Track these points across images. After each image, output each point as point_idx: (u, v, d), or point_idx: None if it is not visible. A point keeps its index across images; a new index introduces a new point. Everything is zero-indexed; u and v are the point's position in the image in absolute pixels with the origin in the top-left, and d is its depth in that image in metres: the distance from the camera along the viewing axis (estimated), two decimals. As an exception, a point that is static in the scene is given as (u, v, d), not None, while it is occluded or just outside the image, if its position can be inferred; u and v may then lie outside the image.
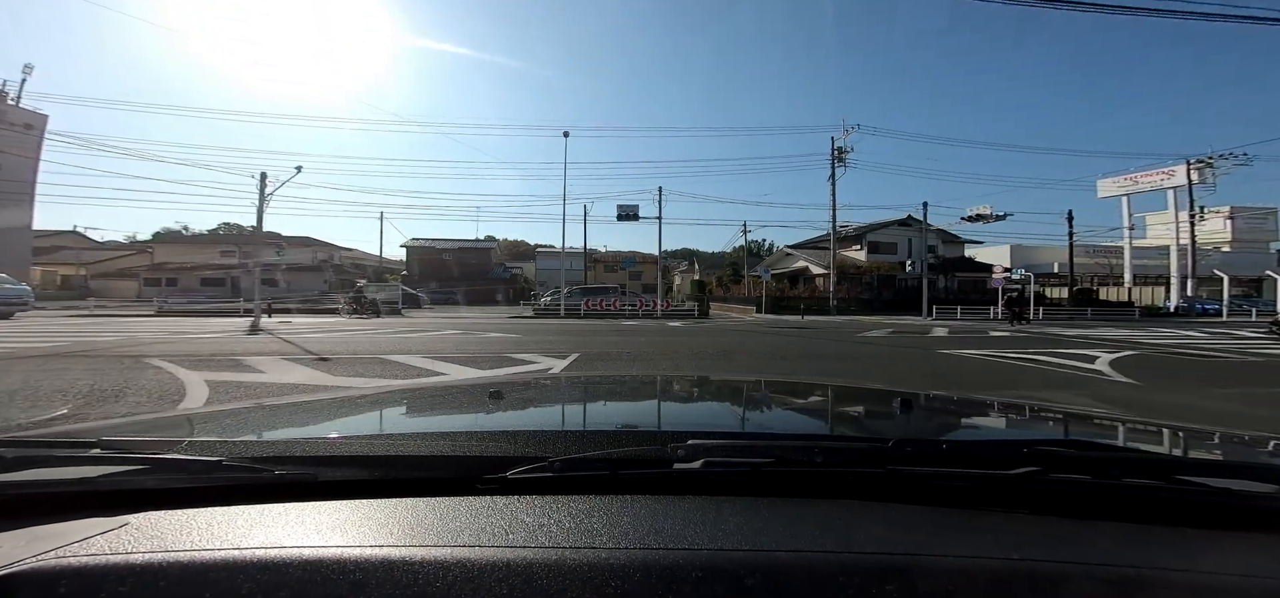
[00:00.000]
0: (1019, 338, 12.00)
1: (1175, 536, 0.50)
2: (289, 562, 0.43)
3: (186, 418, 1.13)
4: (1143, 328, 16.97)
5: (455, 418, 1.15)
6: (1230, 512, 0.53)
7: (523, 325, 15.47)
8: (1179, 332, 14.53)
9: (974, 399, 1.62)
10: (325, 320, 17.43)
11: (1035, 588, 0.41)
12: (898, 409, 1.10)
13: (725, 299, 33.99)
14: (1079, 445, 0.76)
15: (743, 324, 19.10)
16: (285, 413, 1.07)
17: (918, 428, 1.03)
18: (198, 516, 0.51)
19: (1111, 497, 0.55)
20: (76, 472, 0.58)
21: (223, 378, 5.51)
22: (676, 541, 0.46)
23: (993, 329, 15.90)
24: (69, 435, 0.79)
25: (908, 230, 33.10)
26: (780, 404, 1.33)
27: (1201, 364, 7.76)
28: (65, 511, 0.52)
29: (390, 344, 9.25)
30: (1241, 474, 0.62)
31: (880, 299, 29.93)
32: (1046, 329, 16.20)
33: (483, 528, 0.49)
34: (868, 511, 0.54)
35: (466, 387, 2.28)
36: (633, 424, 1.05)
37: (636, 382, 2.14)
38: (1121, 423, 1.08)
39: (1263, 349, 9.77)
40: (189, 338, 10.05)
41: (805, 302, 28.60)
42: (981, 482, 0.57)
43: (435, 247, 43.65)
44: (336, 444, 0.72)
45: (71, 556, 0.44)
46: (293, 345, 8.99)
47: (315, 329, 13.13)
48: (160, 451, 0.63)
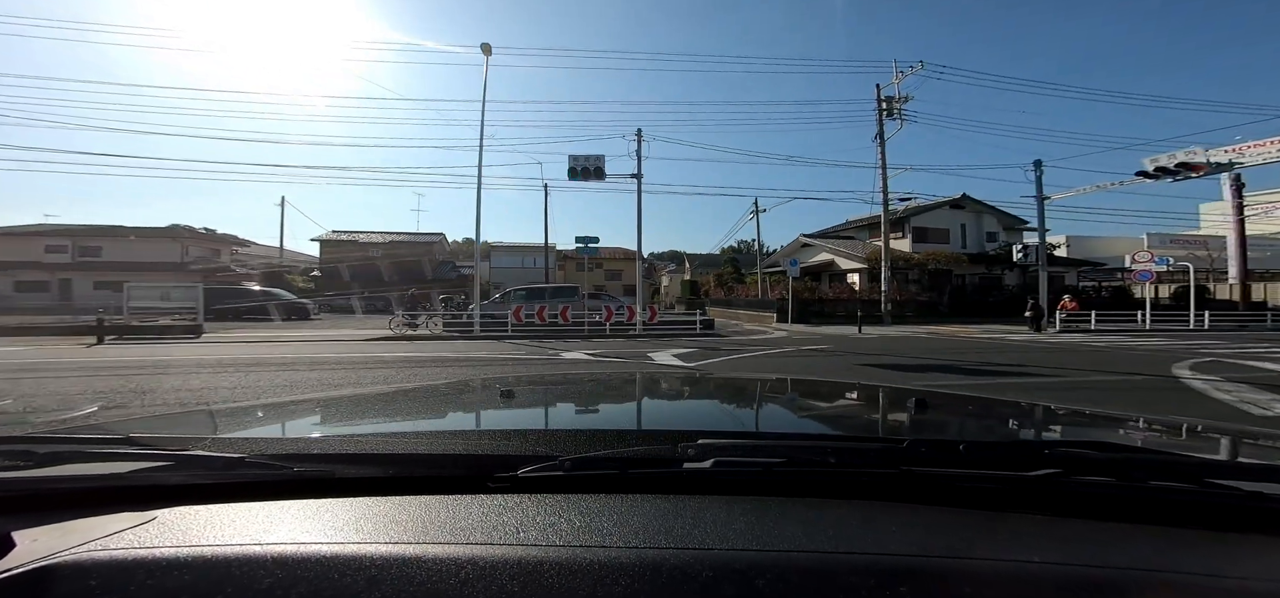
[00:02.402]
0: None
1: (1205, 541, 0.48)
2: (307, 558, 0.44)
3: (210, 414, 1.15)
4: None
5: (467, 417, 1.18)
6: (1264, 517, 0.51)
7: (341, 360, 8.02)
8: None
9: (990, 400, 1.49)
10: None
11: (1057, 592, 0.41)
12: (912, 409, 1.07)
13: (728, 304, 26.13)
14: (1103, 447, 0.72)
15: (792, 349, 11.20)
16: (304, 410, 1.13)
17: (933, 429, 1.00)
18: (221, 511, 0.53)
19: (1137, 501, 0.53)
20: (107, 468, 0.60)
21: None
22: (687, 540, 0.46)
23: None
24: (100, 432, 0.78)
25: (960, 213, 25.81)
26: (792, 404, 1.31)
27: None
28: (97, 505, 0.54)
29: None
30: (1276, 478, 0.59)
31: (942, 304, 22.43)
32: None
33: (494, 526, 0.49)
34: (881, 512, 0.52)
35: (478, 385, 2.08)
36: (643, 424, 1.06)
37: (647, 380, 2.07)
38: (1146, 424, 1.05)
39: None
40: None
41: (844, 305, 20.95)
42: (1000, 484, 0.56)
43: (358, 241, 34.56)
44: (352, 442, 0.72)
45: (103, 549, 0.46)
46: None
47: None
48: (185, 447, 0.64)
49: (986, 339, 13.55)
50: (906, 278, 23.28)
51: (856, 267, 24.75)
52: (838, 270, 26.13)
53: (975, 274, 24.72)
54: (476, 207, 14.02)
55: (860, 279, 24.25)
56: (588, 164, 16.00)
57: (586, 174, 15.95)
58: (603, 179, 15.95)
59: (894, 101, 20.07)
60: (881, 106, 20.40)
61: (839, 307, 20.98)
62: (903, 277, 23.04)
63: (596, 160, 15.83)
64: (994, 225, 26.42)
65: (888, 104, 20.26)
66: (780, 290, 22.89)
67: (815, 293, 23.18)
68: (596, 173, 15.87)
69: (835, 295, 22.93)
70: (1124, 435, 0.97)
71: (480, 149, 13.88)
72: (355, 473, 0.61)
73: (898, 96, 20.00)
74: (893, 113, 20.16)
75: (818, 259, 26.80)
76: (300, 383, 6.66)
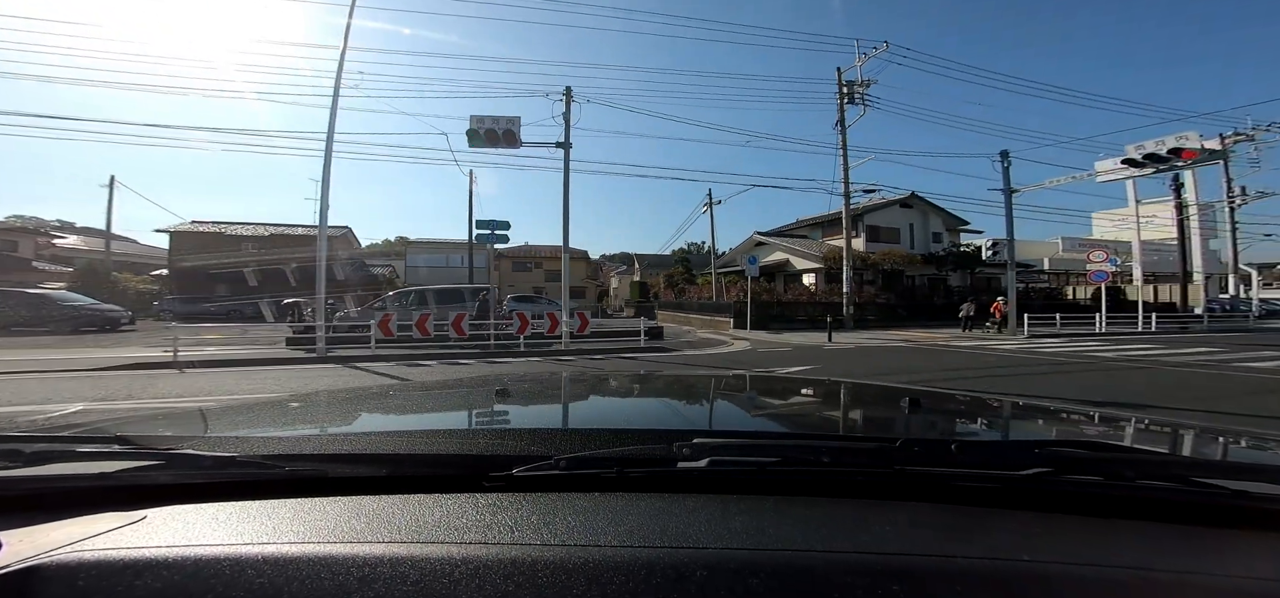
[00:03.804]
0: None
1: (1192, 538, 0.49)
2: (299, 557, 0.44)
3: (201, 413, 1.07)
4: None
5: (462, 416, 1.13)
6: (1248, 515, 0.51)
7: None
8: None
9: (983, 399, 1.50)
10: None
11: (1047, 591, 0.41)
12: (906, 409, 1.05)
13: (679, 306, 23.56)
14: (1092, 447, 0.73)
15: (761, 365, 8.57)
16: (296, 410, 1.06)
17: (926, 428, 1.00)
18: (212, 510, 0.52)
19: (1125, 499, 0.54)
20: (96, 467, 0.58)
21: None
22: (682, 539, 0.46)
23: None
24: (89, 431, 0.77)
25: (909, 213, 25.11)
26: (787, 403, 1.29)
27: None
28: (86, 505, 0.53)
29: None
30: (1260, 476, 0.60)
31: (900, 306, 21.23)
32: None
33: (489, 525, 0.49)
34: (875, 511, 0.53)
35: (472, 384, 2.04)
36: (638, 423, 1.03)
37: (642, 379, 2.03)
38: (1135, 423, 1.06)
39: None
40: None
41: (804, 309, 19.04)
42: (991, 483, 0.56)
43: (225, 234, 28.12)
44: (345, 442, 0.71)
45: (91, 549, 0.45)
46: None
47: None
48: (176, 446, 0.63)
49: (971, 349, 11.82)
50: (862, 278, 21.97)
51: (813, 266, 23.13)
52: (793, 271, 24.42)
53: (924, 275, 24.01)
54: (324, 175, 9.73)
55: (816, 280, 22.63)
56: (497, 127, 11.85)
57: (494, 139, 11.92)
58: (516, 146, 12.15)
59: (856, 86, 18.46)
60: (843, 91, 18.73)
61: (799, 310, 19.04)
62: (858, 277, 21.65)
63: (507, 123, 11.92)
64: (939, 225, 26.02)
65: (849, 89, 18.61)
66: (736, 292, 20.62)
67: (772, 295, 21.17)
68: (507, 138, 11.91)
69: (793, 297, 21.04)
70: (1113, 435, 0.97)
71: (334, 104, 9.84)
72: (348, 472, 0.59)
73: (860, 80, 18.41)
74: (855, 98, 18.54)
75: (773, 259, 24.94)
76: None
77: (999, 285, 26.34)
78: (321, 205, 9.86)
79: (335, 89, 9.83)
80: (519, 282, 34.73)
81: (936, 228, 26.01)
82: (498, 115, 12.02)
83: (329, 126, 9.85)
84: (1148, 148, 11.89)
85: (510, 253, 37.13)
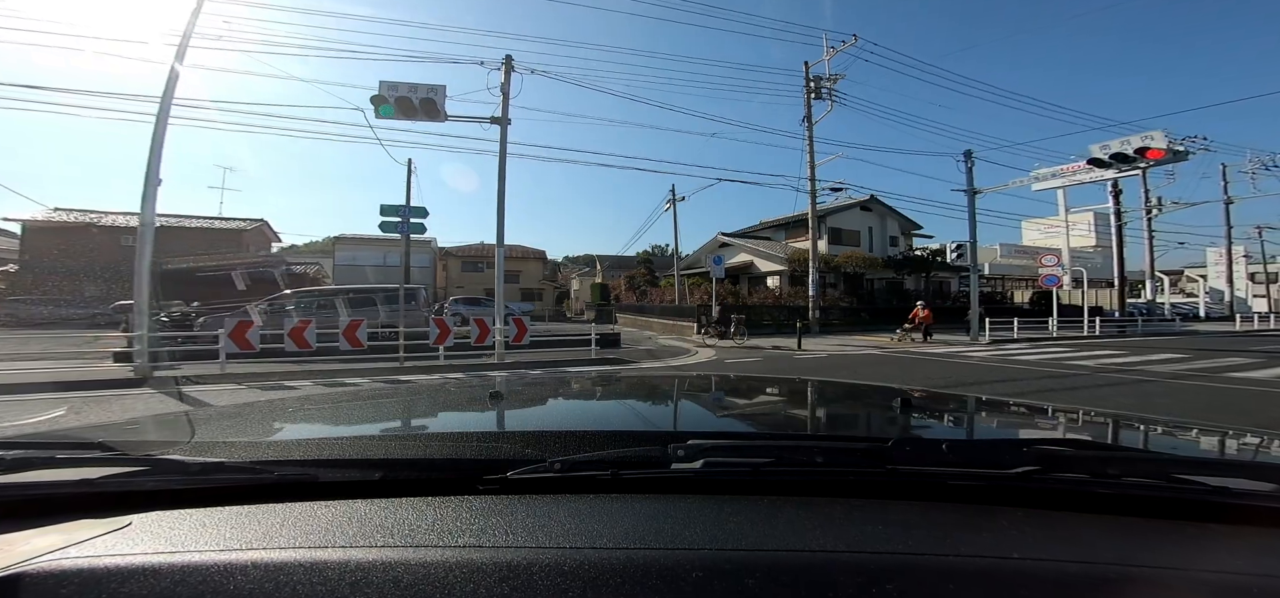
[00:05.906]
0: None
1: (1175, 534, 0.50)
2: (289, 562, 0.43)
3: (187, 418, 1.05)
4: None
5: (455, 418, 1.13)
6: (1229, 511, 0.53)
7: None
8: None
9: (973, 398, 1.52)
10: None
11: (1036, 587, 0.42)
12: (897, 409, 1.06)
13: (640, 310, 22.13)
14: (1078, 445, 0.75)
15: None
16: (285, 413, 1.05)
17: (917, 428, 1.01)
18: (199, 516, 0.52)
19: (1111, 496, 0.55)
20: (78, 473, 0.57)
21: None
22: (677, 541, 0.46)
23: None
24: (71, 437, 0.76)
25: (869, 216, 25.09)
26: (780, 404, 1.30)
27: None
28: (68, 511, 0.52)
29: None
30: (1240, 473, 0.61)
31: (863, 310, 20.90)
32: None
33: (483, 529, 0.49)
34: (868, 510, 0.53)
35: (466, 386, 2.02)
36: (633, 425, 1.03)
37: (636, 381, 2.03)
38: (1121, 422, 1.08)
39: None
40: None
41: (770, 312, 18.16)
42: (982, 481, 0.57)
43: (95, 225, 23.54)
44: (336, 445, 0.70)
45: (74, 556, 0.45)
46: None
47: None
48: (161, 451, 0.62)
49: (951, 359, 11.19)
50: (825, 281, 21.52)
51: (777, 269, 22.44)
52: (757, 273, 23.66)
53: (884, 277, 24.03)
54: (156, 130, 7.38)
55: (780, 282, 21.95)
56: (413, 96, 9.52)
57: (408, 110, 9.62)
58: (439, 119, 9.85)
59: (824, 80, 17.84)
60: (810, 86, 18.05)
61: (764, 314, 18.13)
62: (821, 280, 21.19)
63: (427, 91, 9.68)
64: (895, 229, 26.25)
65: (816, 83, 17.96)
66: (701, 294, 19.47)
67: (737, 298, 20.19)
68: (426, 109, 9.64)
69: (758, 300, 20.20)
70: (1099, 433, 0.98)
71: (182, 48, 7.47)
72: (340, 476, 0.59)
73: (828, 75, 17.80)
74: (822, 93, 17.92)
75: (737, 261, 24.07)
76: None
77: (949, 289, 27.04)
78: (149, 170, 7.41)
79: (186, 35, 7.51)
80: (468, 283, 31.90)
81: (893, 231, 26.22)
82: (416, 82, 9.78)
83: (168, 81, 7.52)
84: (1114, 148, 11.83)
85: (460, 252, 34.05)
